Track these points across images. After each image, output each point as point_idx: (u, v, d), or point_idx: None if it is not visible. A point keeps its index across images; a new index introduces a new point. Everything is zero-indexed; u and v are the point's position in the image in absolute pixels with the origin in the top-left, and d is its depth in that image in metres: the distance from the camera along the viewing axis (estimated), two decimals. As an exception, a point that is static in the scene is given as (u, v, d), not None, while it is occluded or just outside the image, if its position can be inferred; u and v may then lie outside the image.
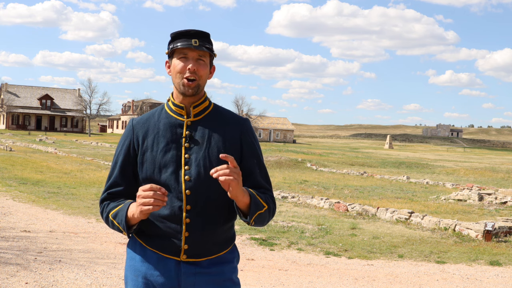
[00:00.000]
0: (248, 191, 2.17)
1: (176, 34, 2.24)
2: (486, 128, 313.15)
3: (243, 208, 2.18)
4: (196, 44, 2.20)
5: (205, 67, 2.24)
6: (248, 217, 2.18)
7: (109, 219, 2.24)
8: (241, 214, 2.21)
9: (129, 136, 2.30)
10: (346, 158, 36.95)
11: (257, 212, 2.19)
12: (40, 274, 5.74)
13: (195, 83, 2.22)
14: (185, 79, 2.21)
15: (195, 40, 2.21)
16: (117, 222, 2.20)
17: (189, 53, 2.22)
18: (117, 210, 2.21)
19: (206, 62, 2.25)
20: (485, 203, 14.66)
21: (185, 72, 2.21)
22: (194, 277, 2.23)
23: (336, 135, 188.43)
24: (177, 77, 2.23)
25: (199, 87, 2.24)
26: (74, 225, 8.80)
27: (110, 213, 2.23)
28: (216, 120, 2.30)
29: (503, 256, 7.94)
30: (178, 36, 2.24)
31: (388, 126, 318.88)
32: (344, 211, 11.92)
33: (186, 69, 2.21)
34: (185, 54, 2.22)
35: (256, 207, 2.18)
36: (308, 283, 6.16)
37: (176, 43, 2.23)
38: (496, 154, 68.39)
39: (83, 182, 15.50)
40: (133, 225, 2.19)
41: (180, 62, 2.22)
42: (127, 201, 2.23)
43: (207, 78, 2.28)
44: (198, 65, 2.22)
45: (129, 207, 2.17)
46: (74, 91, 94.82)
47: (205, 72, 2.25)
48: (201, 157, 2.23)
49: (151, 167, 2.22)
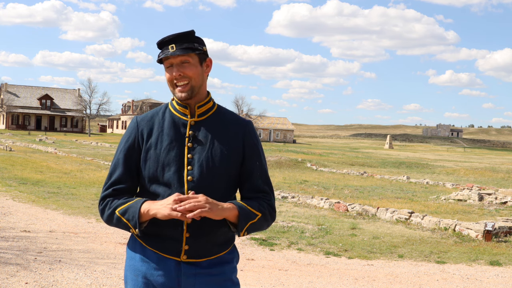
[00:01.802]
0: (236, 204, 2.20)
1: (157, 43, 2.27)
2: (486, 128, 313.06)
3: (232, 220, 2.21)
4: (173, 49, 2.21)
5: (191, 67, 2.23)
6: (238, 230, 2.20)
7: (115, 215, 2.20)
8: (232, 228, 2.23)
9: (133, 133, 2.29)
10: (346, 158, 36.95)
11: (248, 223, 2.22)
12: (40, 274, 5.74)
13: (187, 87, 2.22)
14: (175, 86, 2.24)
15: (172, 46, 2.22)
16: (126, 219, 2.18)
17: (171, 60, 2.23)
18: (127, 207, 2.19)
19: (192, 61, 2.24)
20: (485, 203, 14.65)
21: (173, 80, 2.23)
22: (194, 278, 2.23)
23: (336, 135, 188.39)
24: (170, 86, 2.26)
25: (193, 88, 2.24)
26: (74, 225, 8.80)
27: (117, 209, 2.20)
28: (219, 121, 2.31)
29: (503, 256, 7.94)
30: (160, 45, 2.26)
31: (388, 126, 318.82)
32: (344, 211, 11.92)
33: (173, 77, 2.23)
34: (169, 62, 2.23)
35: (245, 219, 2.20)
36: (308, 283, 6.16)
37: (160, 53, 2.26)
38: (496, 154, 68.38)
39: (83, 182, 15.50)
40: (144, 222, 2.18)
41: (167, 72, 2.25)
42: (136, 199, 2.22)
43: (201, 76, 2.27)
44: (183, 68, 2.22)
45: (143, 204, 2.17)
46: (74, 91, 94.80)
47: (194, 72, 2.24)
48: (204, 157, 2.23)
49: (154, 165, 2.22)
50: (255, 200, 2.29)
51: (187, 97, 2.23)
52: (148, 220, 2.17)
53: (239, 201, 2.26)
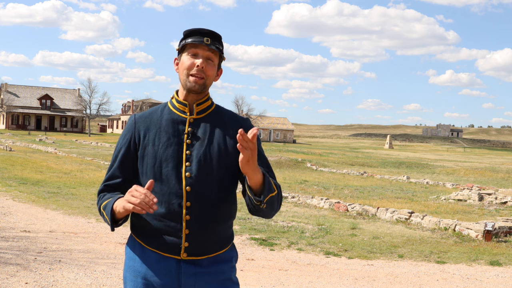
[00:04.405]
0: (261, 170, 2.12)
1: (189, 31, 2.26)
2: (486, 128, 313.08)
3: (255, 187, 2.11)
4: (208, 42, 2.22)
5: (213, 67, 2.25)
6: (262, 196, 2.08)
7: (101, 210, 2.24)
8: (253, 193, 2.10)
9: (130, 130, 2.31)
10: (346, 158, 36.95)
11: (269, 195, 2.11)
12: (40, 274, 5.73)
13: (202, 80, 2.23)
14: (191, 76, 2.22)
15: (207, 39, 2.22)
16: (106, 214, 2.18)
17: (199, 51, 2.23)
18: (107, 202, 2.19)
19: (215, 63, 2.26)
20: (485, 203, 14.65)
21: (192, 68, 2.22)
22: (195, 277, 2.22)
23: (336, 135, 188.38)
24: (184, 74, 2.24)
25: (205, 86, 2.25)
26: (74, 225, 8.80)
27: (102, 204, 2.23)
28: (218, 119, 2.32)
29: (503, 256, 7.94)
30: (191, 33, 2.25)
31: (388, 126, 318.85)
32: (344, 211, 11.92)
33: (194, 66, 2.22)
34: (195, 52, 2.23)
35: (269, 189, 2.11)
36: (308, 283, 6.16)
37: (187, 39, 2.24)
38: (496, 154, 68.37)
39: (83, 182, 15.50)
40: (119, 220, 2.16)
41: (189, 58, 2.23)
42: (117, 195, 2.20)
43: (213, 79, 2.29)
44: (206, 64, 2.23)
45: (117, 200, 2.15)
46: (74, 91, 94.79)
47: (212, 73, 2.26)
48: (202, 154, 2.23)
49: (152, 161, 2.22)
50: None
51: (199, 89, 2.23)
52: (122, 217, 2.15)
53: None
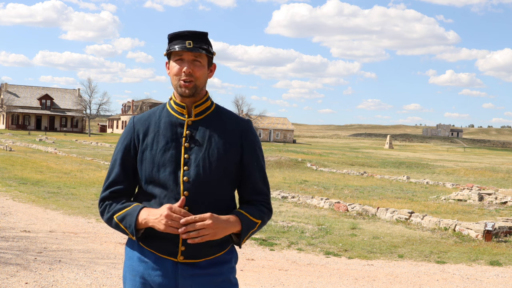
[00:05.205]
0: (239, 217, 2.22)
1: (171, 36, 2.25)
2: (486, 128, 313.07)
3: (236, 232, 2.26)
4: (190, 46, 2.20)
5: (201, 68, 2.23)
6: (240, 241, 2.26)
7: (113, 220, 2.23)
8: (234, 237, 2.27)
9: (129, 134, 2.30)
10: (346, 158, 36.94)
11: (249, 233, 2.27)
12: (40, 274, 5.73)
13: (191, 84, 2.22)
14: (181, 81, 2.22)
15: (189, 42, 2.21)
16: (124, 225, 2.20)
17: (184, 55, 2.22)
18: (124, 214, 2.21)
19: (203, 62, 2.24)
20: (485, 203, 14.65)
21: (180, 74, 2.22)
22: (192, 279, 2.22)
23: (336, 135, 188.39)
24: (174, 79, 2.24)
25: (196, 88, 2.24)
26: (74, 225, 8.80)
27: (115, 215, 2.23)
28: (217, 121, 2.30)
29: (503, 256, 7.94)
30: (174, 38, 2.24)
31: (388, 126, 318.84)
32: (344, 211, 11.92)
33: (181, 71, 2.21)
34: (181, 56, 2.22)
35: (247, 230, 2.25)
36: (308, 283, 6.16)
37: (172, 45, 2.24)
38: (496, 154, 68.37)
39: (83, 182, 15.50)
40: (141, 229, 2.21)
41: (176, 64, 2.23)
42: (134, 205, 2.22)
43: (205, 78, 2.28)
44: (193, 66, 2.22)
45: (140, 213, 2.17)
46: (74, 91, 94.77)
47: (202, 73, 2.24)
48: (201, 158, 2.22)
49: (150, 166, 2.22)
50: (255, 206, 2.30)
51: (190, 94, 2.23)
52: (144, 227, 2.20)
53: (241, 210, 2.26)
